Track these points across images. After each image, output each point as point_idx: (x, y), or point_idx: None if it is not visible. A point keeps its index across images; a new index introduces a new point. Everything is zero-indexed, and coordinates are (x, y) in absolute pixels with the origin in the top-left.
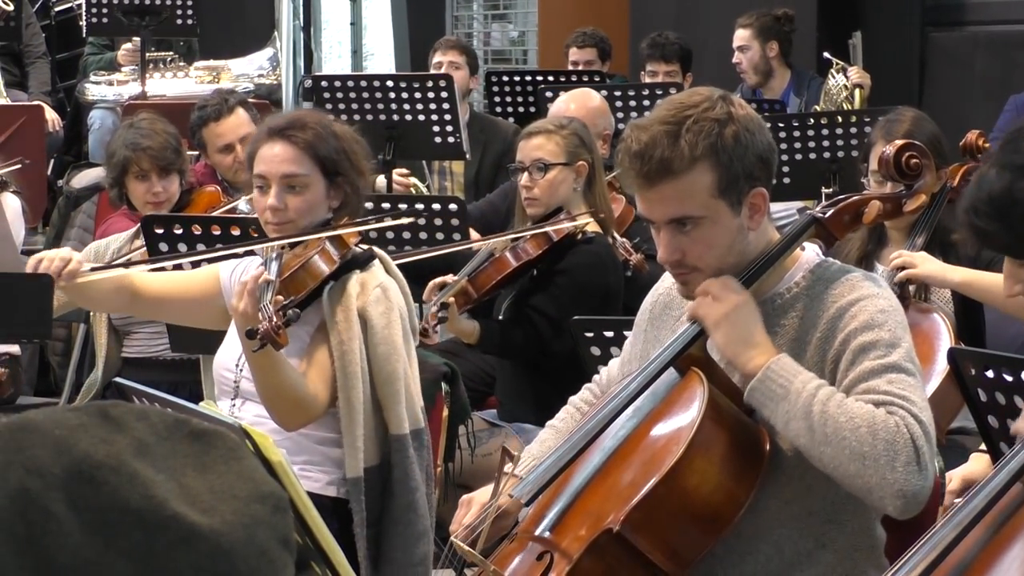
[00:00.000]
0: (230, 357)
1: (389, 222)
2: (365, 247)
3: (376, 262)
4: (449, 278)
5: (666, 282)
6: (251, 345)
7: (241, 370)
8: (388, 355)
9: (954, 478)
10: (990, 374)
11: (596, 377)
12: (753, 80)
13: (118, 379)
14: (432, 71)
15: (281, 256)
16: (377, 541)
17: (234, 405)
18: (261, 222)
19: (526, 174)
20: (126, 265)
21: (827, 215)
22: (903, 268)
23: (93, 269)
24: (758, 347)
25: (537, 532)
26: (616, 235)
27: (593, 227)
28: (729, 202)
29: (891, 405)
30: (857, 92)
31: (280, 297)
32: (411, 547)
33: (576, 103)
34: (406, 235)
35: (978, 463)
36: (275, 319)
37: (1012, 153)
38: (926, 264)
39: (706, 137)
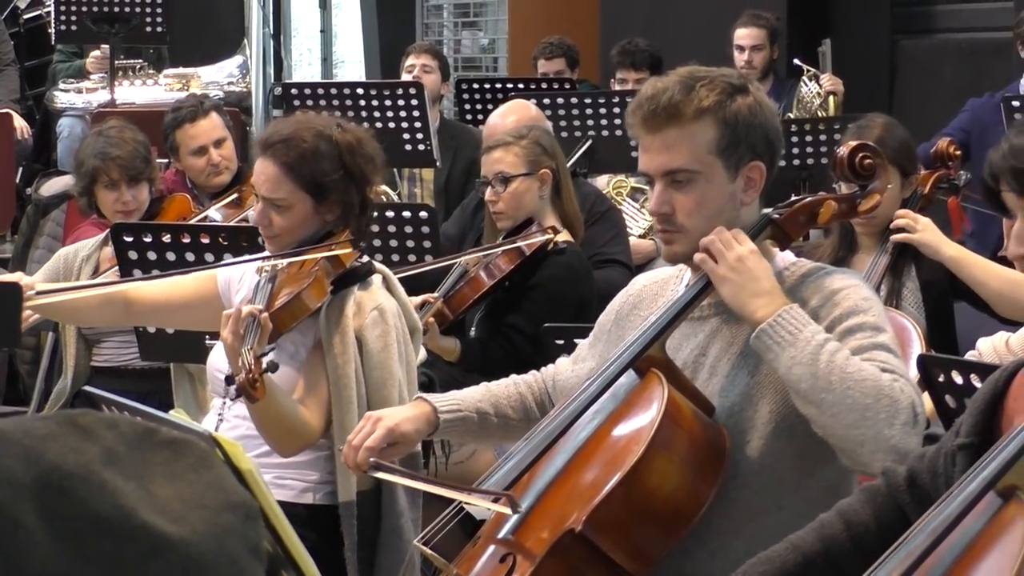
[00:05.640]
0: (222, 358)
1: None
2: (365, 260)
3: (376, 279)
4: (425, 297)
5: (637, 284)
6: (229, 392)
7: None
8: (383, 381)
9: None
10: (959, 380)
11: (544, 369)
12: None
13: (87, 388)
14: (404, 74)
15: (275, 278)
16: (368, 564)
17: (225, 404)
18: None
19: (490, 188)
20: (76, 288)
21: (782, 215)
22: (902, 230)
23: (39, 293)
24: (767, 295)
25: (500, 534)
26: None
27: (564, 235)
28: (726, 164)
29: (894, 373)
30: (831, 100)
31: (267, 325)
32: (395, 572)
33: (513, 115)
34: (376, 243)
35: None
36: (253, 371)
37: None
38: (925, 233)
39: (718, 95)
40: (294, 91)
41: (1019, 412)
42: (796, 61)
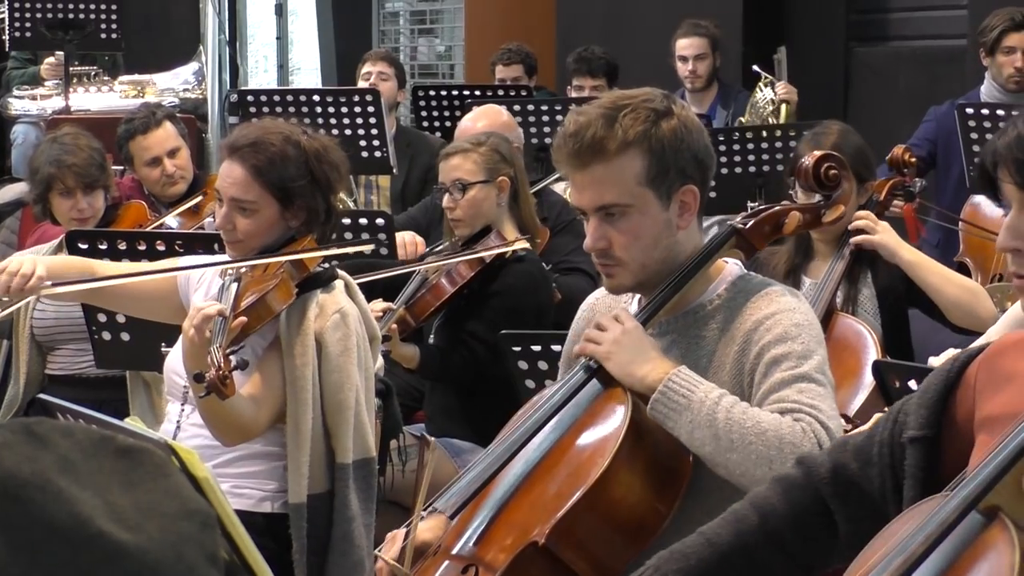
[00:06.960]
0: (180, 361)
1: (350, 249)
2: (327, 266)
3: (338, 284)
4: (386, 305)
5: (589, 300)
6: (197, 389)
7: None
8: (341, 384)
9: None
10: (915, 386)
11: None
12: (699, 90)
13: (42, 395)
14: (360, 81)
15: (240, 280)
16: (318, 570)
17: (183, 411)
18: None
19: (448, 195)
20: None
21: (747, 225)
22: (861, 232)
23: (55, 284)
24: (652, 362)
25: (461, 546)
26: None
27: (522, 243)
28: (658, 193)
29: (798, 412)
30: (783, 107)
31: (235, 325)
32: None
33: (484, 120)
34: None
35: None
36: (223, 368)
37: None
38: (884, 235)
39: (642, 123)
40: (250, 98)
41: (981, 401)
42: (755, 68)
